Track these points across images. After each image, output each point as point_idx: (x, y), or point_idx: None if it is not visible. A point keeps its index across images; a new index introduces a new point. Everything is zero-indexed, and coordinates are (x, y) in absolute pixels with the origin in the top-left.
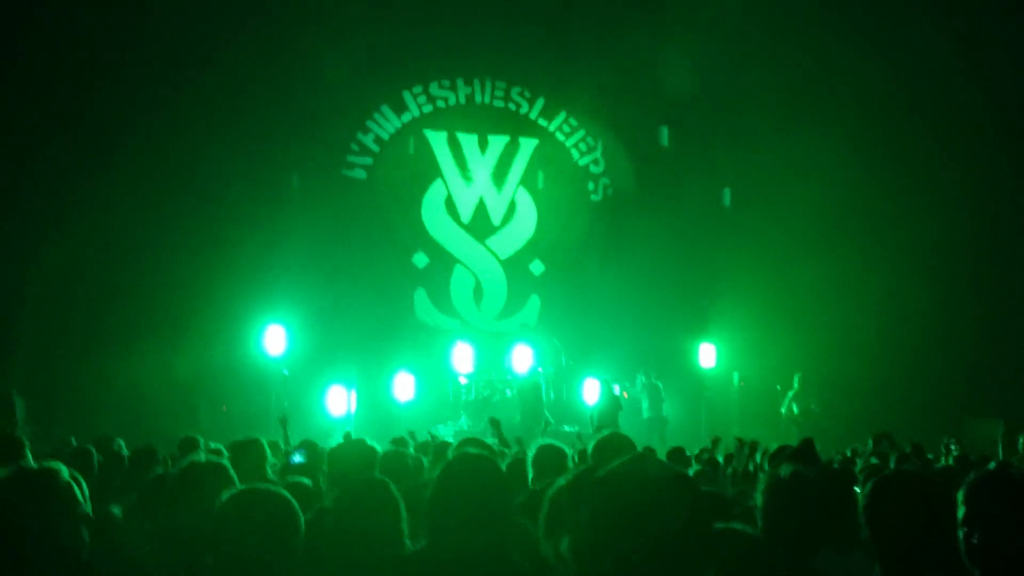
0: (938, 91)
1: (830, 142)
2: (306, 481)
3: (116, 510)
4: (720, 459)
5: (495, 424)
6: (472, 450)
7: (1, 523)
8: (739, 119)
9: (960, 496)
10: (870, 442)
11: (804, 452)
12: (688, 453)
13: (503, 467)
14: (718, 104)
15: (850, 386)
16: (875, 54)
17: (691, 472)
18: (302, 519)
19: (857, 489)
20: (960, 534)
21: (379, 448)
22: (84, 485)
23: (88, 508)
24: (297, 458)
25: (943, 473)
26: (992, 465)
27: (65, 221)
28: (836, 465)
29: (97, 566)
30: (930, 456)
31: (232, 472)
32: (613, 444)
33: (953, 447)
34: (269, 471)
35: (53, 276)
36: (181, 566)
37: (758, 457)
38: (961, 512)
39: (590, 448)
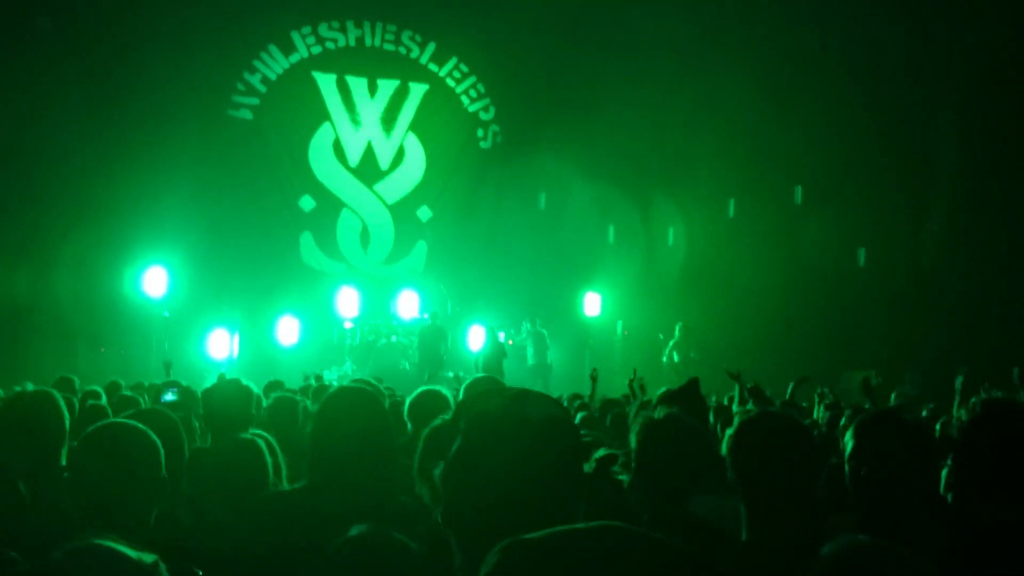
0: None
1: (734, 81)
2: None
3: None
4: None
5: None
6: (352, 385)
7: None
8: (630, 60)
9: (849, 433)
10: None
11: (689, 391)
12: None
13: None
14: (606, 47)
15: (729, 336)
16: None
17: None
18: (162, 451)
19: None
20: (847, 468)
21: (255, 389)
22: None
23: None
24: (168, 396)
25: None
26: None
27: None
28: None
29: None
30: (804, 404)
31: (61, 403)
32: (484, 387)
33: (827, 395)
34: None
35: None
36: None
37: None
38: (850, 447)
39: (461, 392)
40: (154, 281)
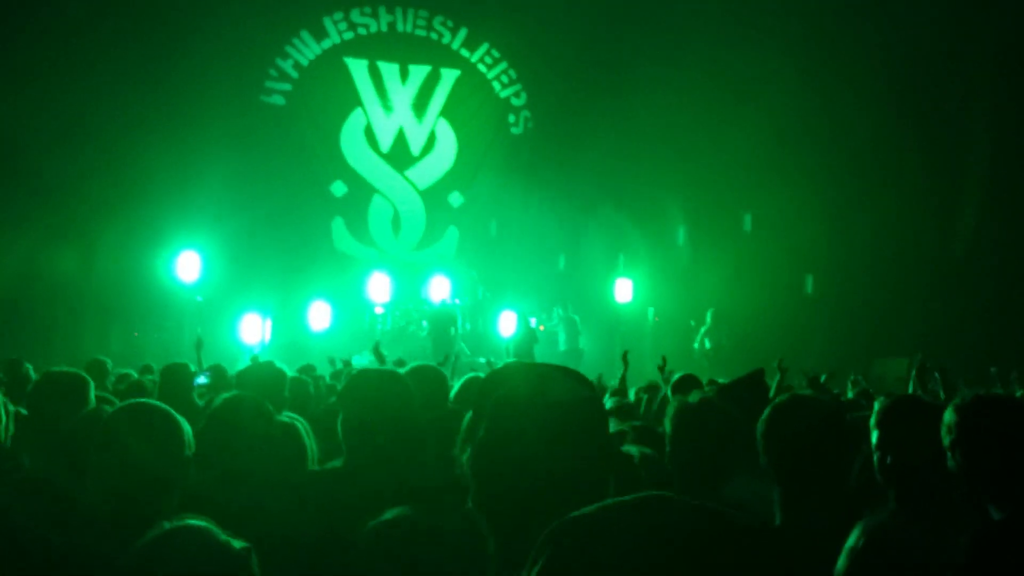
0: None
1: (769, 62)
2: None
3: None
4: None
5: (377, 350)
6: (374, 367)
7: None
8: (666, 35)
9: (873, 421)
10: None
11: (753, 381)
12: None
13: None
14: (639, 29)
15: (762, 323)
16: None
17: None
18: (187, 433)
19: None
20: (875, 457)
21: (288, 372)
22: None
23: None
24: (202, 379)
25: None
26: None
27: None
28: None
29: None
30: (836, 391)
31: (91, 385)
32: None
33: (862, 380)
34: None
35: None
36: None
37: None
38: (875, 436)
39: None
40: (187, 266)
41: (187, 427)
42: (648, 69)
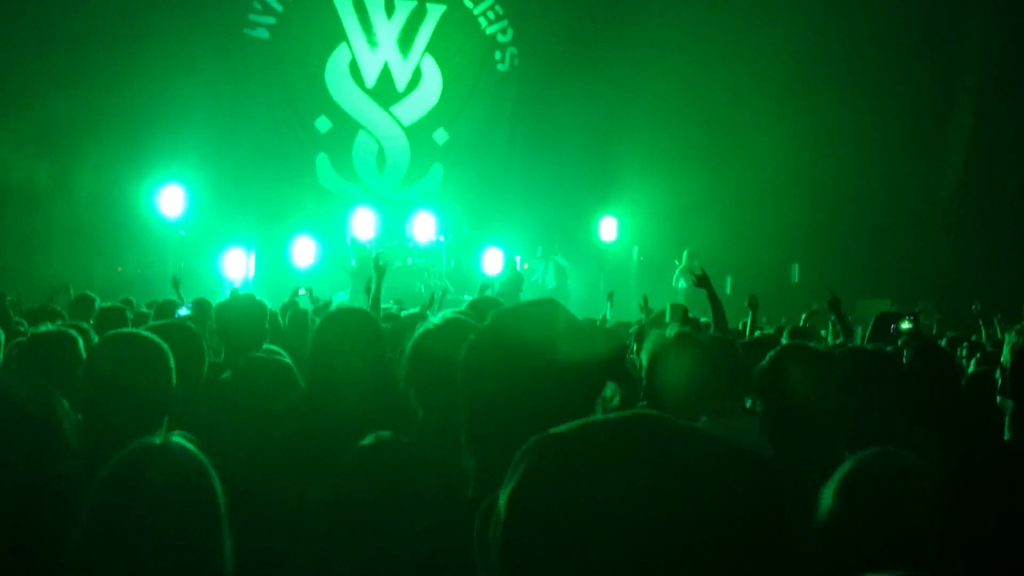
0: None
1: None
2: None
3: None
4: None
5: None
6: (350, 306)
7: None
8: None
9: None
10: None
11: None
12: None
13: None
14: None
15: (739, 264)
16: None
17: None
18: (172, 360)
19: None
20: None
21: (268, 304)
22: None
23: None
24: (183, 311)
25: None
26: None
27: None
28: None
29: None
30: (823, 332)
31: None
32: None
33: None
34: None
35: None
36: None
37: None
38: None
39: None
40: (171, 199)
41: (171, 356)
42: (636, 8)
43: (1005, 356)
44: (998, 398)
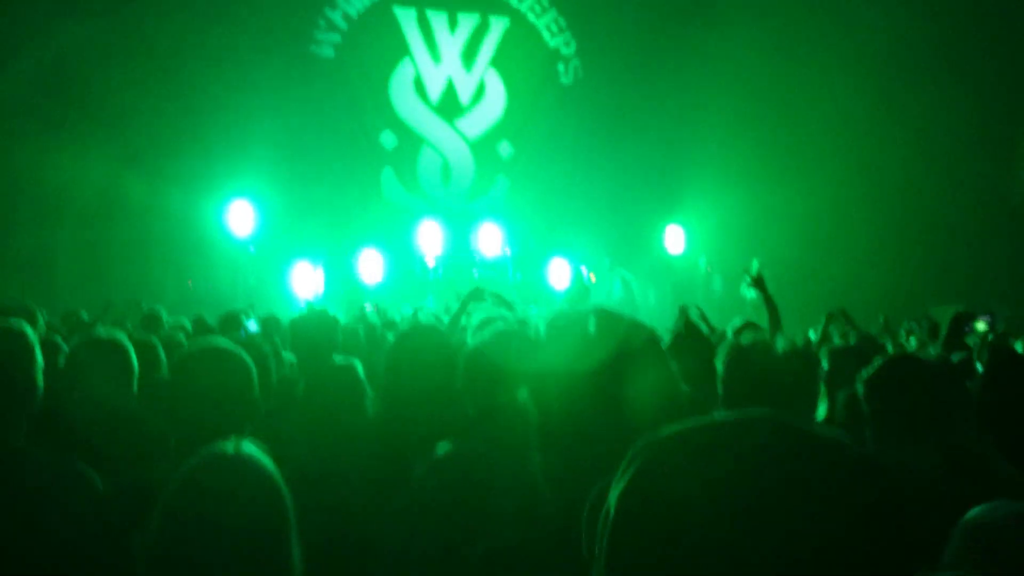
0: None
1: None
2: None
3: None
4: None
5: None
6: (424, 323)
7: None
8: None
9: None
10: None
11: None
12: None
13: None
14: None
15: (809, 271)
16: None
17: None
18: (255, 372)
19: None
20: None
21: (341, 319)
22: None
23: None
24: (252, 327)
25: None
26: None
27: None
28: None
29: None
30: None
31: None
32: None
33: (914, 328)
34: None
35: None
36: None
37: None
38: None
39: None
40: (240, 216)
41: (253, 368)
42: (702, 16)
43: None
44: None
